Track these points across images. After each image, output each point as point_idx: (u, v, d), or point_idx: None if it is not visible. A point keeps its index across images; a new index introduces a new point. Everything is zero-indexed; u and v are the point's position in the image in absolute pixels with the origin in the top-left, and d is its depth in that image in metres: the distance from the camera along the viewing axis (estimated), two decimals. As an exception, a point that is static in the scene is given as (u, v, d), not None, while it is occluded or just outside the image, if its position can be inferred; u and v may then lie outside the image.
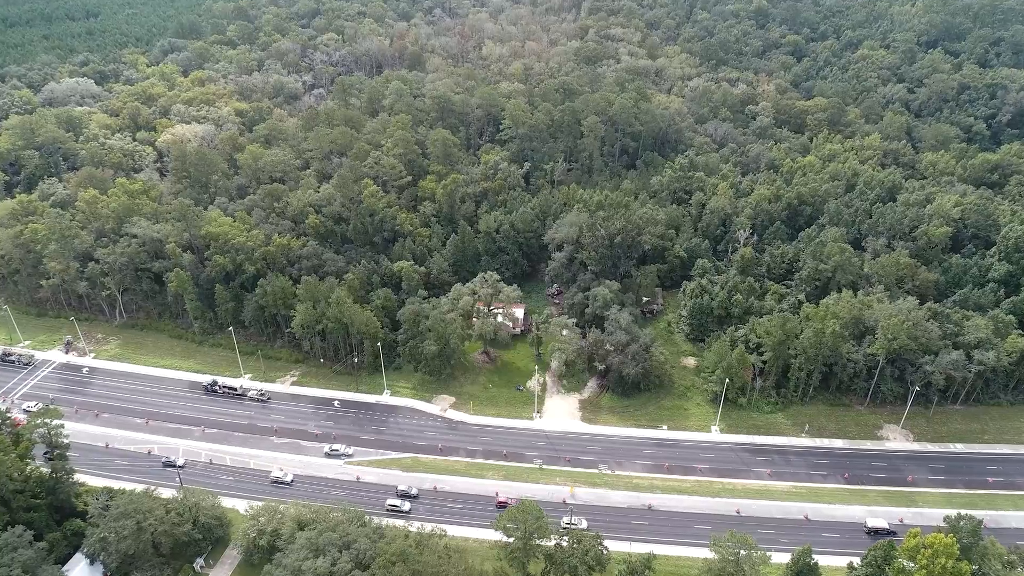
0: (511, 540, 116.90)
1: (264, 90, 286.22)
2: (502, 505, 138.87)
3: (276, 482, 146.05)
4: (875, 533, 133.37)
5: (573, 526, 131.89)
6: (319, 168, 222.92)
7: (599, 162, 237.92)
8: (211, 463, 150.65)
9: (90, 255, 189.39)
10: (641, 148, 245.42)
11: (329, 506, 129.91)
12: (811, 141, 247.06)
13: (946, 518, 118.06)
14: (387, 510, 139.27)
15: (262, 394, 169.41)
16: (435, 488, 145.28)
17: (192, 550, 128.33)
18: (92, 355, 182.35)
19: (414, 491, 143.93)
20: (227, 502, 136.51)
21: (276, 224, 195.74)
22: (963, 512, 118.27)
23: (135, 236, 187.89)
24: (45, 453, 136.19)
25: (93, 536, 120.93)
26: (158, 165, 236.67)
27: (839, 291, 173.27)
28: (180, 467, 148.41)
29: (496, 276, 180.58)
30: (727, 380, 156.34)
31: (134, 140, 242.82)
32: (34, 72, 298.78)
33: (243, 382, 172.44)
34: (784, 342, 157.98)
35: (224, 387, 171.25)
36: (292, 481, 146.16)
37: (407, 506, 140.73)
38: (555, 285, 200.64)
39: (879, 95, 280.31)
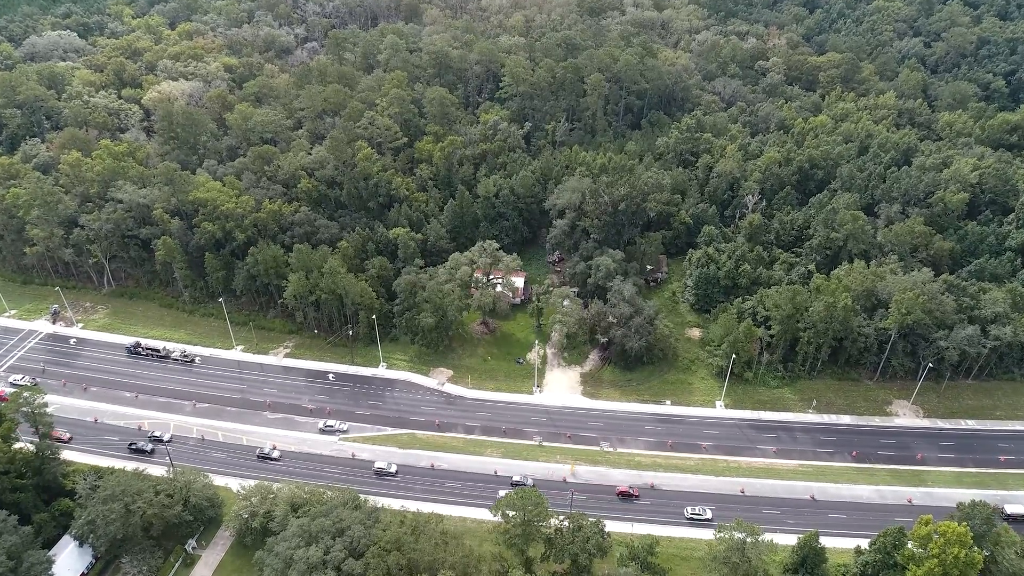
0: (510, 525, 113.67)
1: (254, 44, 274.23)
2: (625, 495, 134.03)
3: (380, 473, 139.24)
4: (1014, 519, 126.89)
5: (698, 516, 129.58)
6: (311, 128, 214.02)
7: (603, 122, 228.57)
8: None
9: (75, 221, 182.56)
10: (646, 107, 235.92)
11: (323, 486, 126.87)
12: (823, 99, 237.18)
13: (959, 504, 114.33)
14: None
15: (185, 355, 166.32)
16: (432, 466, 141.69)
17: (184, 531, 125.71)
18: (80, 325, 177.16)
19: (530, 482, 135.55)
20: (219, 480, 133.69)
21: (267, 188, 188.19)
22: (977, 499, 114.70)
23: (121, 201, 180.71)
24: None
25: (81, 518, 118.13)
26: (145, 124, 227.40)
27: (851, 260, 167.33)
28: (277, 459, 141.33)
29: (495, 244, 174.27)
30: (733, 354, 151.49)
31: (119, 98, 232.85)
32: (15, 24, 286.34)
33: (166, 344, 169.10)
34: (793, 316, 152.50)
35: (148, 349, 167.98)
36: (396, 472, 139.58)
37: None
38: (556, 252, 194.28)
39: (894, 50, 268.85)
